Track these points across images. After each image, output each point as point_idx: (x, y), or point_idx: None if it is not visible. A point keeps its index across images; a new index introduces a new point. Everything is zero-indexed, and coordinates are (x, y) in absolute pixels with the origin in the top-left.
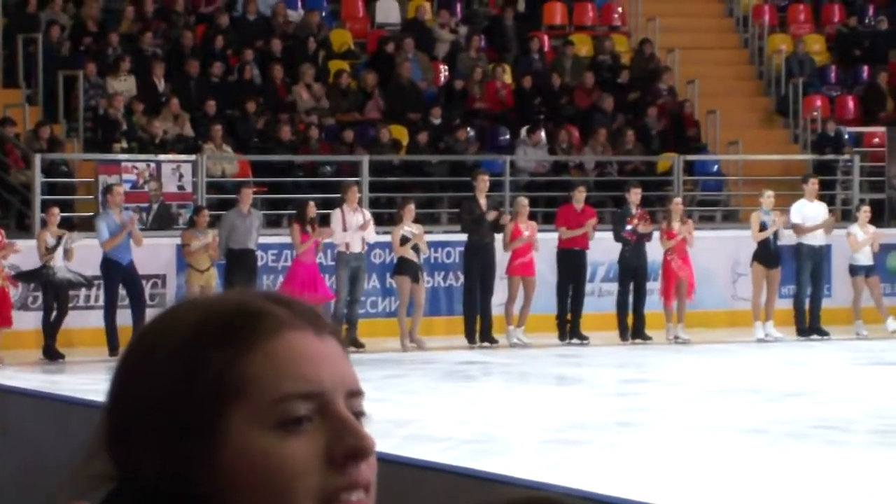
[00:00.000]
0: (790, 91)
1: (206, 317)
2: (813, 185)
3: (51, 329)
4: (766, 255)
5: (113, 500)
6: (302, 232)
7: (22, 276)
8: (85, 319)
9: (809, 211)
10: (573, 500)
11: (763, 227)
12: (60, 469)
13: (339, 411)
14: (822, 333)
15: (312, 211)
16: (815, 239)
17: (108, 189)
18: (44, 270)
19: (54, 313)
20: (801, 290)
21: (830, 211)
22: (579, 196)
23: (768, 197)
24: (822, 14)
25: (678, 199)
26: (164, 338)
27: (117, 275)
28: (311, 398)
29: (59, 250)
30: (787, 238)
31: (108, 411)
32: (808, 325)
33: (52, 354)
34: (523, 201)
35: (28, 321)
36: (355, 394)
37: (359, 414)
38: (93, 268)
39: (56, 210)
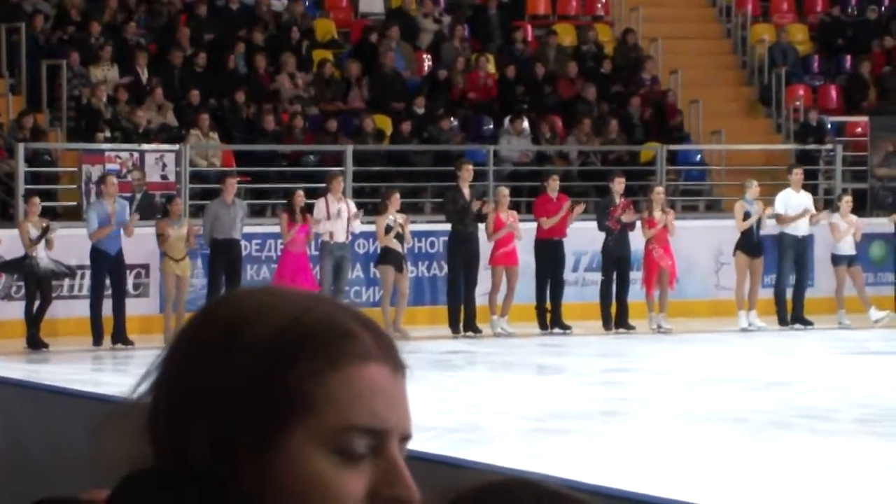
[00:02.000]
0: (773, 81)
1: (293, 323)
2: (797, 175)
3: (34, 319)
4: (750, 244)
5: (140, 480)
6: (290, 221)
7: (4, 267)
8: (70, 309)
9: (794, 200)
10: (549, 483)
11: (747, 217)
12: (45, 458)
13: (394, 456)
14: (806, 323)
15: (301, 200)
16: (798, 229)
17: (102, 179)
18: (26, 261)
19: (37, 303)
20: (782, 279)
21: (817, 203)
22: (553, 185)
23: (753, 187)
24: (804, 4)
25: (659, 189)
26: (246, 331)
27: (104, 264)
28: (374, 434)
29: (43, 240)
30: (770, 227)
31: (162, 390)
32: (792, 314)
33: (35, 344)
34: (504, 191)
35: (12, 311)
36: (407, 437)
37: (404, 454)
38: (77, 257)
39: (37, 200)
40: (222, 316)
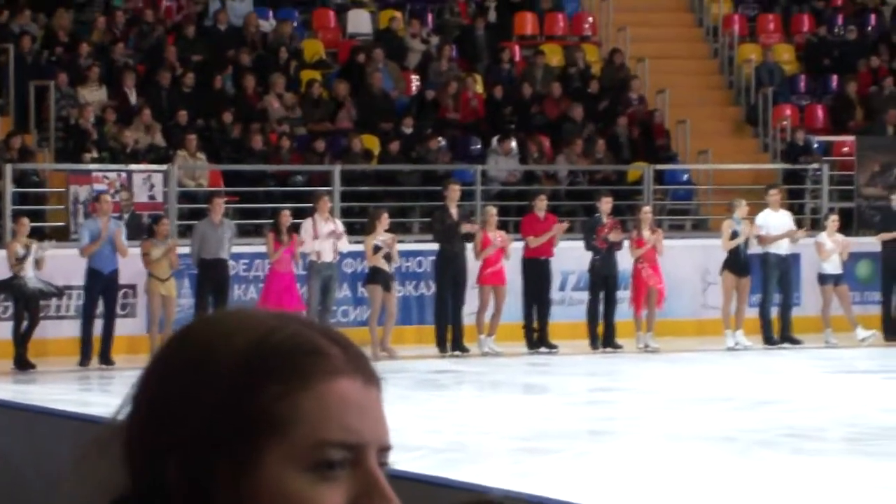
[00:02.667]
0: (760, 100)
1: (260, 343)
2: (774, 195)
3: (22, 339)
4: (737, 263)
5: None
6: (276, 241)
7: None
8: (57, 329)
9: (774, 220)
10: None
11: (734, 237)
12: (31, 479)
13: (372, 468)
14: (794, 342)
15: (287, 220)
16: (782, 248)
17: (96, 197)
18: (14, 281)
19: (25, 323)
20: (767, 299)
21: (798, 221)
22: (541, 205)
23: (742, 206)
24: (791, 24)
25: (647, 208)
26: (213, 356)
27: (98, 284)
28: (350, 448)
29: (30, 260)
30: (754, 247)
31: (136, 417)
32: (780, 333)
33: (23, 364)
34: (492, 210)
35: (4, 331)
36: (386, 449)
37: (383, 466)
38: (65, 277)
39: (26, 220)
40: (191, 341)
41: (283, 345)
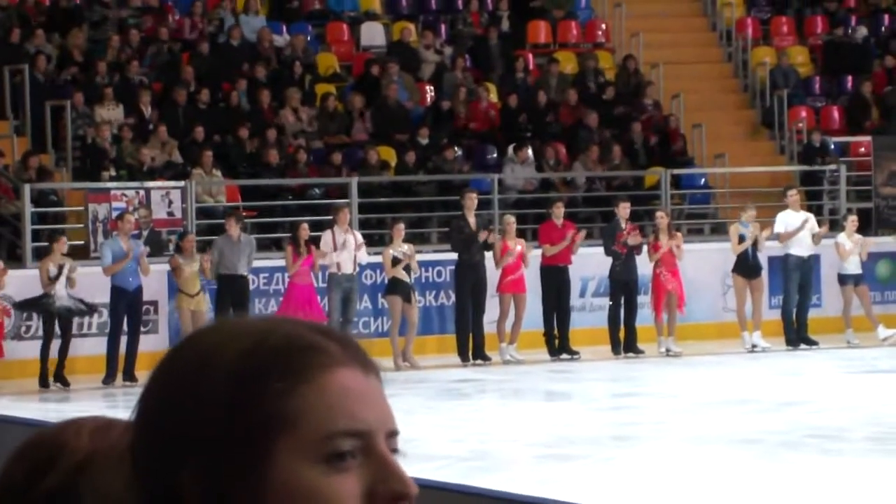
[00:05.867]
0: (775, 103)
1: (256, 346)
2: (793, 196)
3: (59, 358)
4: (745, 265)
5: None
6: (295, 253)
7: (23, 306)
8: (80, 347)
9: (793, 221)
10: None
11: (742, 239)
12: None
13: (384, 452)
14: (810, 343)
15: (305, 233)
16: (802, 249)
17: (119, 216)
18: (45, 299)
19: (57, 342)
20: (788, 300)
21: (818, 223)
22: (558, 212)
23: (750, 210)
24: (805, 26)
25: (661, 213)
26: (214, 362)
27: (123, 301)
28: (358, 436)
29: (62, 279)
30: (774, 248)
31: (144, 428)
32: (797, 334)
33: (57, 381)
34: (510, 219)
35: (24, 350)
36: (394, 433)
37: (394, 451)
38: (86, 295)
39: (64, 239)
40: (191, 351)
41: (278, 345)
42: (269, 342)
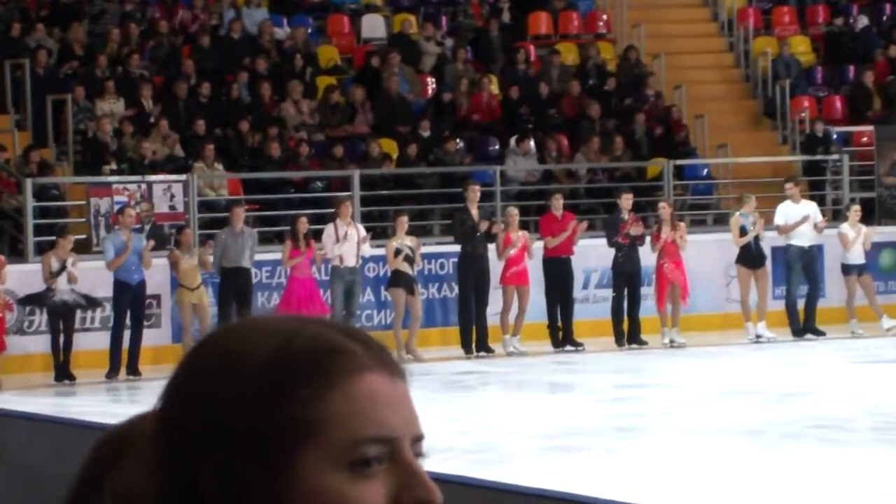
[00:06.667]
0: (777, 93)
1: (282, 349)
2: (791, 188)
3: (63, 351)
4: (748, 256)
5: None
6: (293, 248)
7: (25, 300)
8: (83, 341)
9: (793, 211)
10: None
11: (743, 231)
12: (59, 493)
13: (409, 459)
14: (818, 333)
15: (304, 226)
16: (803, 240)
17: (120, 210)
18: (47, 293)
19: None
20: (792, 291)
21: (821, 212)
22: (557, 203)
23: (751, 201)
24: (806, 15)
25: (663, 204)
26: (237, 367)
27: (126, 295)
28: (384, 443)
29: (64, 274)
30: (776, 239)
31: (167, 423)
32: (804, 325)
33: (65, 376)
34: (513, 211)
35: (27, 345)
36: (419, 438)
37: (419, 456)
38: (89, 289)
39: (71, 236)
40: (216, 349)
41: (305, 347)
42: (295, 344)
